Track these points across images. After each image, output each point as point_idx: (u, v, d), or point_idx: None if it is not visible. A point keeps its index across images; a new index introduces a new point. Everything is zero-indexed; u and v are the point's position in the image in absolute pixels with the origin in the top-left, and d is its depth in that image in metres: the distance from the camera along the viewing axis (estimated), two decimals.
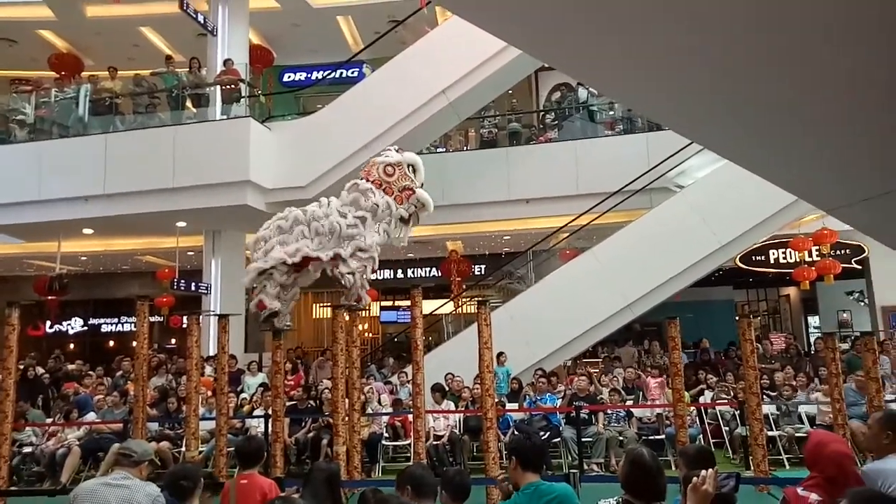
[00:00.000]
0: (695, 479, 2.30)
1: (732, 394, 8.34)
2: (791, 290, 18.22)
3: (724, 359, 11.47)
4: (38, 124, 12.09)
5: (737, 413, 7.91)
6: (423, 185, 6.65)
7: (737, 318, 16.35)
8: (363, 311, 7.56)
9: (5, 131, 12.26)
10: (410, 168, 6.57)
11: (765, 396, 7.59)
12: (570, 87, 15.45)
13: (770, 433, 7.48)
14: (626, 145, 11.92)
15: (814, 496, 2.97)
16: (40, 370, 10.56)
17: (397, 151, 6.70)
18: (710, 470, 2.32)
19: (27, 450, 8.12)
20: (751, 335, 5.90)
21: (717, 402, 8.44)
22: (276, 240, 6.57)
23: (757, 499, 5.40)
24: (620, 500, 2.84)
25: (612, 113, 13.38)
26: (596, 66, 2.71)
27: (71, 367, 11.25)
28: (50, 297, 14.07)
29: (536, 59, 8.33)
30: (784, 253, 13.97)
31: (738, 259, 13.37)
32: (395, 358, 12.69)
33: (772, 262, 14.25)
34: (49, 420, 8.58)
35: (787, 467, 7.40)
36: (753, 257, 14.07)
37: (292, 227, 6.52)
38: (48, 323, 16.75)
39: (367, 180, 6.50)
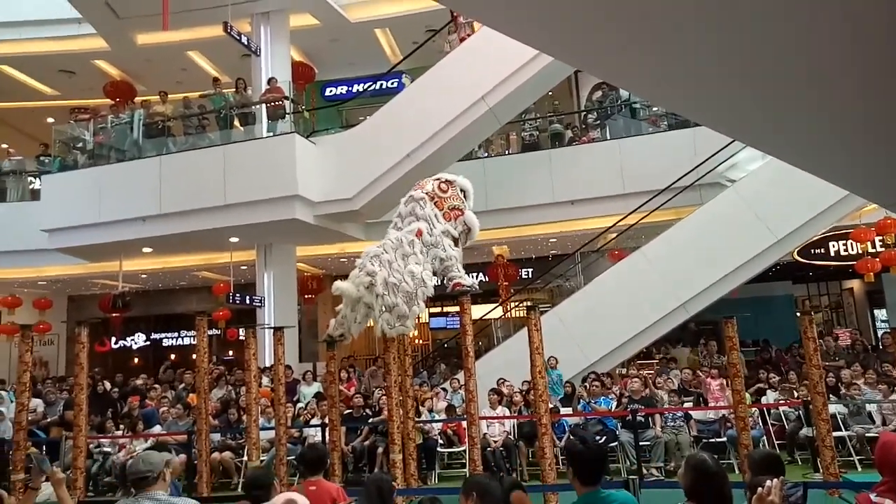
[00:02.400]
0: (760, 489, 2.24)
1: (796, 393, 8.04)
2: (855, 283, 17.46)
3: (786, 357, 11.09)
4: (97, 150, 12.64)
5: (801, 413, 7.63)
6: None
7: (798, 314, 15.89)
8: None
9: (67, 158, 12.89)
10: (462, 192, 6.63)
11: (831, 395, 7.30)
12: (612, 86, 15.24)
13: (838, 434, 7.18)
14: (671, 141, 11.69)
15: (888, 502, 2.84)
16: (108, 385, 11.00)
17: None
18: (777, 480, 2.24)
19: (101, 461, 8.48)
20: (813, 332, 5.70)
21: (781, 402, 8.16)
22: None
23: (827, 502, 5.20)
24: None
25: (655, 109, 13.14)
26: (630, 71, 2.68)
27: (137, 381, 11.68)
28: (114, 314, 14.67)
29: (567, 64, 8.26)
30: (845, 244, 13.41)
31: (796, 253, 12.91)
32: (446, 364, 12.74)
33: (832, 254, 13.69)
34: (119, 433, 8.93)
35: (859, 469, 7.08)
36: (812, 250, 13.55)
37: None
38: (113, 339, 17.45)
39: (423, 191, 6.57)
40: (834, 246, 13.65)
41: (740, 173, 10.77)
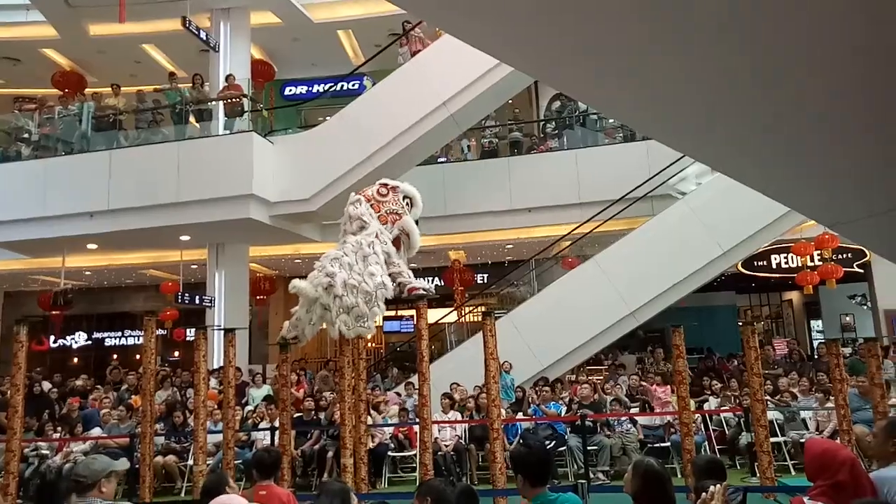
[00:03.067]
0: (703, 494, 2.33)
1: (737, 400, 8.34)
2: (794, 295, 18.24)
3: (727, 364, 11.48)
4: (43, 142, 12.19)
5: (742, 419, 7.92)
6: (418, 221, 6.69)
7: (740, 323, 16.47)
8: None
9: (10, 149, 12.38)
10: (406, 199, 6.63)
11: (769, 402, 7.60)
12: (570, 97, 15.53)
13: (775, 439, 7.49)
14: (626, 153, 12.00)
15: None
16: (47, 385, 10.59)
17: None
18: (719, 486, 2.34)
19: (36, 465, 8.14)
20: (755, 342, 5.93)
21: (722, 408, 8.45)
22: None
23: None
24: None
25: (612, 121, 13.46)
26: (586, 84, 2.76)
27: (78, 382, 11.27)
28: (54, 312, 14.14)
29: (528, 75, 8.40)
30: (786, 258, 14.00)
31: (740, 264, 13.41)
32: (399, 368, 12.72)
33: (774, 266, 14.28)
34: (56, 435, 8.61)
35: (794, 473, 7.38)
36: (756, 262, 14.10)
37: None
38: (52, 337, 16.80)
39: (361, 194, 6.59)
40: (776, 259, 14.23)
41: (691, 186, 11.14)
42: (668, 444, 7.85)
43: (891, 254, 3.92)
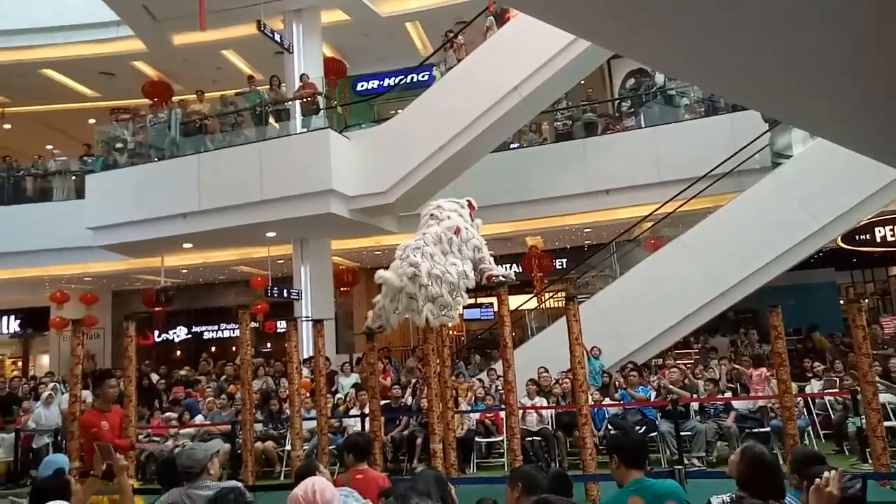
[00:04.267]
0: (818, 479, 2.20)
1: (842, 383, 7.86)
2: None
3: (829, 345, 10.82)
4: (137, 149, 12.95)
5: (849, 403, 7.45)
6: None
7: (841, 301, 15.46)
8: None
9: (109, 158, 13.25)
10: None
11: (880, 384, 7.10)
12: (646, 73, 15.00)
13: (888, 423, 6.99)
14: (708, 128, 11.48)
15: None
16: (155, 377, 11.33)
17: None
18: (835, 471, 2.21)
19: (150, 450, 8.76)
20: (862, 320, 5.56)
21: (827, 391, 7.98)
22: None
23: (879, 494, 5.08)
24: (735, 496, 2.76)
25: (692, 95, 12.90)
26: (674, 56, 2.65)
27: (181, 373, 12.00)
28: (157, 309, 15.07)
29: (607, 50, 8.15)
30: (892, 230, 13.02)
31: (839, 239, 12.58)
32: (481, 355, 12.77)
33: (878, 240, 13.29)
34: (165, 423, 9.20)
35: None
36: (857, 236, 13.17)
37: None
38: (156, 332, 17.93)
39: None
40: (880, 231, 13.24)
41: (781, 159, 10.52)
42: (768, 429, 7.50)
43: None
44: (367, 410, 7.57)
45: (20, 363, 19.80)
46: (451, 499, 3.04)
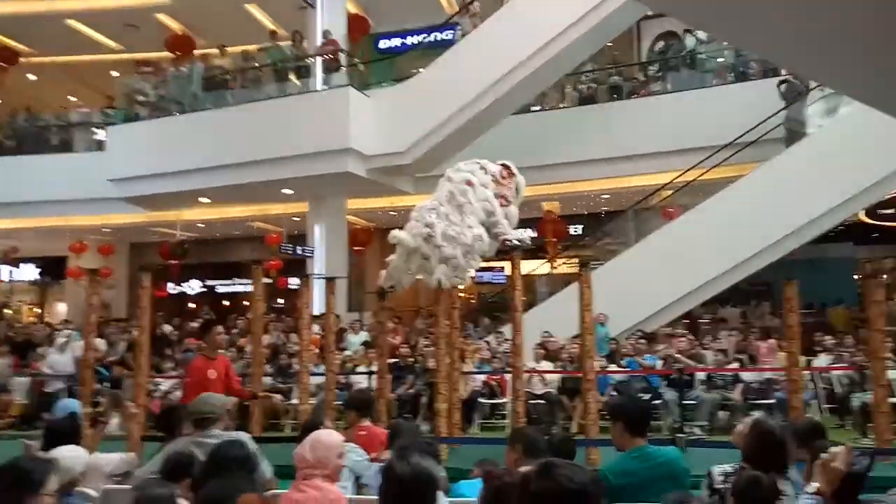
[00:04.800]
0: (824, 455, 2.19)
1: (852, 358, 7.78)
2: None
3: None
4: (159, 103, 12.98)
5: (855, 378, 7.38)
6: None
7: (857, 276, 15.14)
8: None
9: (131, 111, 13.31)
10: (516, 189, 6.63)
11: (890, 361, 7.00)
12: (675, 36, 14.55)
13: (892, 399, 6.91)
14: (736, 95, 11.14)
15: None
16: (168, 328, 11.57)
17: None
18: (843, 447, 2.19)
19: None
20: (880, 296, 5.46)
21: (833, 366, 7.90)
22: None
23: (881, 469, 5.07)
24: (738, 466, 2.76)
25: (721, 60, 12.52)
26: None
27: (194, 324, 12.23)
28: (172, 262, 15.30)
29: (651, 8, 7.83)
30: None
31: (863, 212, 12.29)
32: (491, 318, 12.82)
33: None
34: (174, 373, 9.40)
35: None
36: (879, 211, 12.85)
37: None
38: (171, 285, 18.25)
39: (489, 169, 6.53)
40: None
41: (809, 128, 10.22)
42: (773, 401, 7.47)
43: None
44: (374, 368, 7.67)
45: (37, 310, 20.30)
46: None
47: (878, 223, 13.32)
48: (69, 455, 2.93)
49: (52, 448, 3.09)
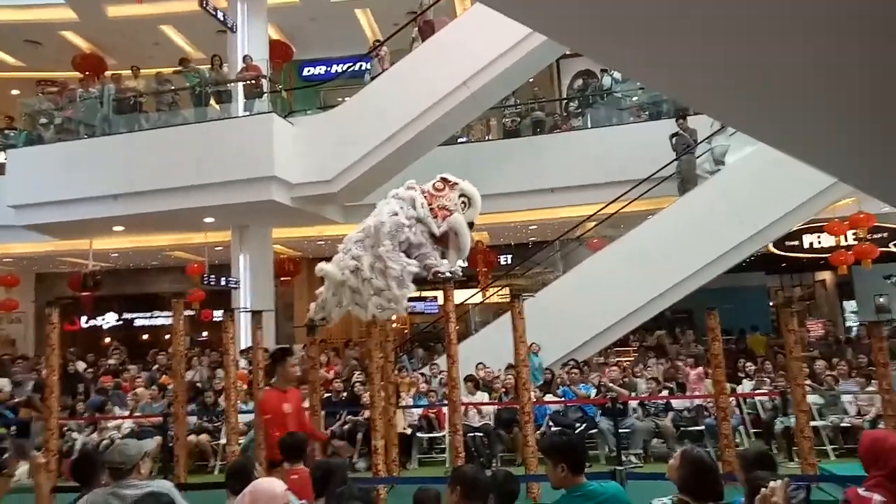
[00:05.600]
0: (763, 490, 2.22)
1: (773, 384, 8.19)
2: (826, 275, 17.85)
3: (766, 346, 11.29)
4: (66, 124, 12.22)
5: (777, 403, 7.77)
6: (473, 224, 6.35)
7: (771, 304, 16.20)
8: None
9: (33, 133, 12.44)
10: (463, 198, 6.31)
11: (808, 386, 7.44)
12: (593, 74, 15.24)
13: (814, 423, 7.32)
14: (653, 131, 11.71)
15: (877, 497, 2.89)
16: (81, 365, 10.73)
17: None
18: (781, 482, 2.23)
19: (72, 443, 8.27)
20: (793, 324, 5.77)
21: (759, 392, 8.29)
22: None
23: (815, 494, 5.29)
24: (675, 499, 2.77)
25: (636, 99, 13.18)
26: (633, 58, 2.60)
27: (111, 361, 11.42)
28: (84, 293, 14.30)
29: (567, 47, 8.15)
30: (819, 237, 13.70)
31: (771, 244, 13.16)
32: (425, 349, 12.70)
33: (806, 246, 13.98)
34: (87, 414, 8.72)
35: (833, 458, 7.26)
36: (787, 242, 13.82)
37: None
38: (83, 318, 17.04)
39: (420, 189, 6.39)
40: (808, 238, 13.92)
41: (718, 165, 10.86)
42: (703, 427, 7.73)
43: None
44: (307, 404, 7.36)
45: None
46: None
47: (786, 254, 14.29)
48: None
49: None
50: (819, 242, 13.77)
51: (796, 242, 13.97)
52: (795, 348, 5.74)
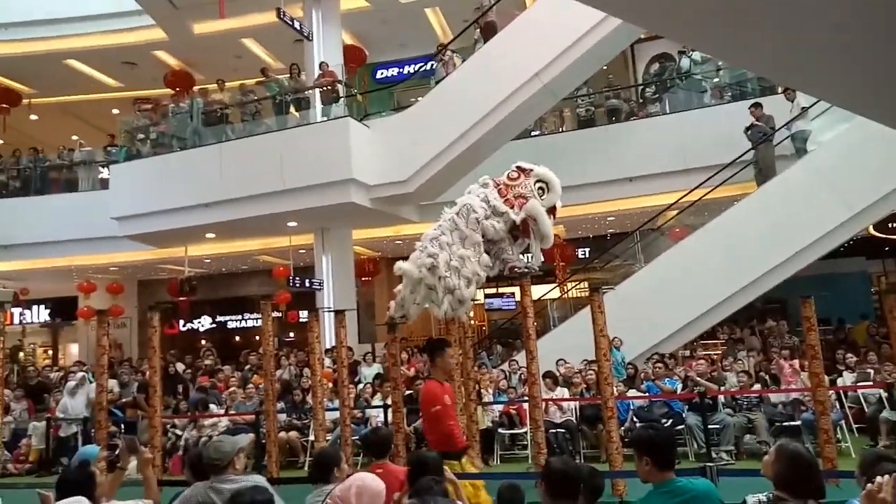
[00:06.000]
0: (869, 485, 2.08)
1: (875, 375, 7.65)
2: None
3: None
4: (160, 139, 13.02)
5: (884, 396, 7.25)
6: (554, 209, 6.20)
7: (874, 290, 15.06)
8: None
9: (132, 148, 13.35)
10: (540, 184, 6.16)
11: None
12: (670, 57, 14.69)
13: None
14: (736, 114, 11.17)
15: None
16: (181, 366, 11.45)
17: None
18: (888, 476, 2.08)
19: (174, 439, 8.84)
20: None
21: (860, 384, 7.77)
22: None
23: None
24: (772, 495, 2.66)
25: (717, 80, 12.61)
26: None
27: (207, 362, 12.11)
28: (181, 298, 15.23)
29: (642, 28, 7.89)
30: None
31: (872, 227, 12.25)
32: (503, 345, 12.70)
33: None
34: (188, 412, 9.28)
35: None
36: (890, 224, 12.81)
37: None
38: (181, 322, 18.13)
39: (490, 181, 6.37)
40: None
41: (812, 145, 10.23)
42: (799, 422, 7.33)
43: None
44: (389, 401, 7.54)
45: (50, 352, 20.17)
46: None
47: (888, 236, 13.27)
48: None
49: (64, 498, 3.04)
50: None
51: None
52: None
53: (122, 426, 8.86)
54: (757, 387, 7.92)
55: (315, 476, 3.52)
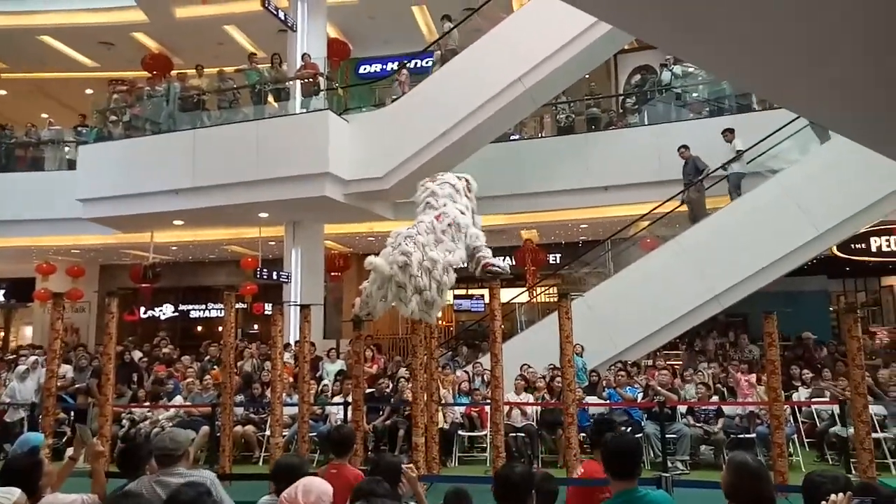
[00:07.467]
0: (823, 502, 2.09)
1: (831, 392, 7.80)
2: (894, 280, 16.89)
3: (818, 354, 10.77)
4: (133, 122, 12.75)
5: (835, 412, 7.39)
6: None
7: (832, 309, 15.40)
8: None
9: (104, 129, 13.05)
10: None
11: (870, 396, 7.04)
12: (652, 70, 14.85)
13: (874, 436, 6.94)
14: (712, 128, 11.31)
15: None
16: (137, 354, 11.19)
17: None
18: (842, 495, 2.09)
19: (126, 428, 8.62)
20: (857, 331, 5.46)
21: (815, 400, 7.91)
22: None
23: None
24: None
25: (696, 95, 12.77)
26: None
27: (164, 350, 11.86)
28: (143, 285, 14.92)
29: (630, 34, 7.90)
30: (887, 240, 12.95)
31: (835, 247, 12.51)
32: (469, 347, 12.68)
33: (874, 249, 13.23)
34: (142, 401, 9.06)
35: (894, 472, 6.86)
36: (852, 245, 13.11)
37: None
38: (142, 309, 17.76)
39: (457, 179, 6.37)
40: (875, 241, 13.17)
41: (783, 164, 10.39)
42: (754, 435, 7.43)
43: None
44: (350, 399, 7.46)
45: (2, 334, 19.59)
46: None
47: (851, 257, 13.58)
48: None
49: (9, 486, 2.90)
50: (888, 245, 13.00)
51: (863, 245, 13.23)
52: (858, 356, 5.44)
53: (72, 413, 8.62)
54: (715, 398, 8.01)
55: (280, 487, 3.36)
